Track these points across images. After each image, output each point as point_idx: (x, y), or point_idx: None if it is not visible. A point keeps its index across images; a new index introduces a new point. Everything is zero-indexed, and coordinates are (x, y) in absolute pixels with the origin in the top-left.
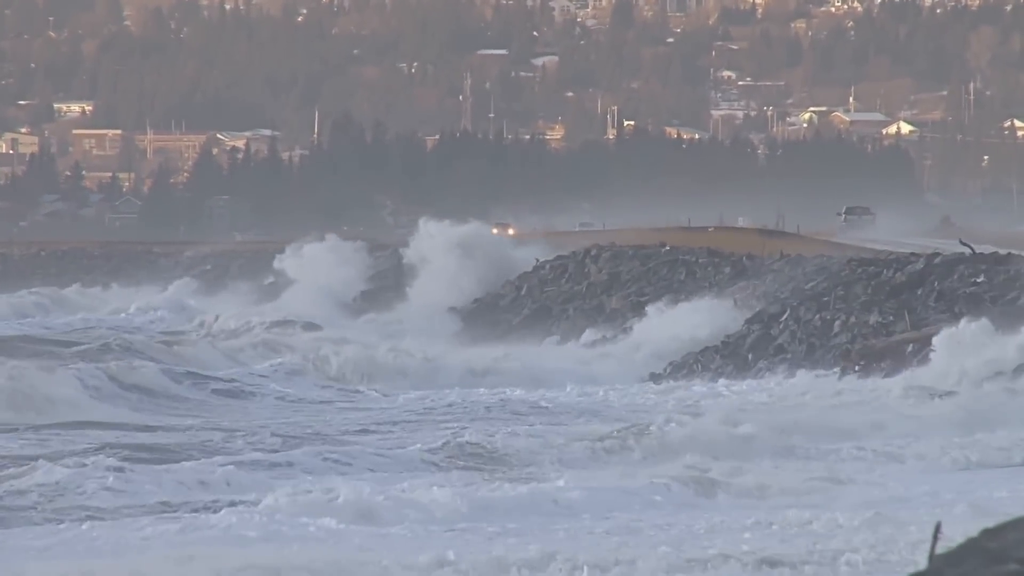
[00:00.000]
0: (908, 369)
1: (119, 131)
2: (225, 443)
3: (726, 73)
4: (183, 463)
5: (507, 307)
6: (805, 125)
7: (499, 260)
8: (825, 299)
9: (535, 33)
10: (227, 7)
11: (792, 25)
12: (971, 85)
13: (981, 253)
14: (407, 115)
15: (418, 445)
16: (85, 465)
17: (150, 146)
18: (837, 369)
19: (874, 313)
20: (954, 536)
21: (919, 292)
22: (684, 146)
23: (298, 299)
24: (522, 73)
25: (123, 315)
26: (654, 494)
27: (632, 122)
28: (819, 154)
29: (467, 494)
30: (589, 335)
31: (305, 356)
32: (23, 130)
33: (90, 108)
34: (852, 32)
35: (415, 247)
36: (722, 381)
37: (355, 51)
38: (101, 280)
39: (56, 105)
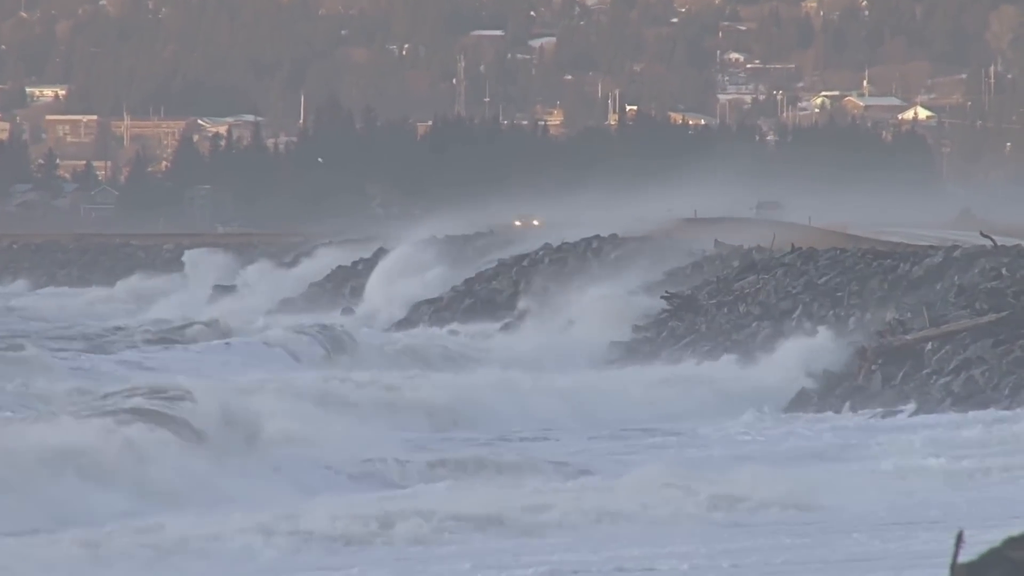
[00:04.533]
0: None
1: (95, 117)
2: None
3: (734, 55)
4: None
5: (504, 303)
6: (817, 110)
7: None
8: (839, 294)
9: (532, 13)
10: None
11: (803, 5)
12: (992, 68)
13: (1003, 246)
14: (398, 100)
15: None
16: None
17: (127, 133)
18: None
19: (891, 309)
20: (976, 545)
21: (938, 287)
22: (690, 132)
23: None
24: (519, 55)
25: None
26: None
27: (635, 107)
28: (832, 141)
29: None
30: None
31: None
32: None
33: (64, 92)
34: (866, 12)
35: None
36: None
37: (343, 32)
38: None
39: (28, 89)
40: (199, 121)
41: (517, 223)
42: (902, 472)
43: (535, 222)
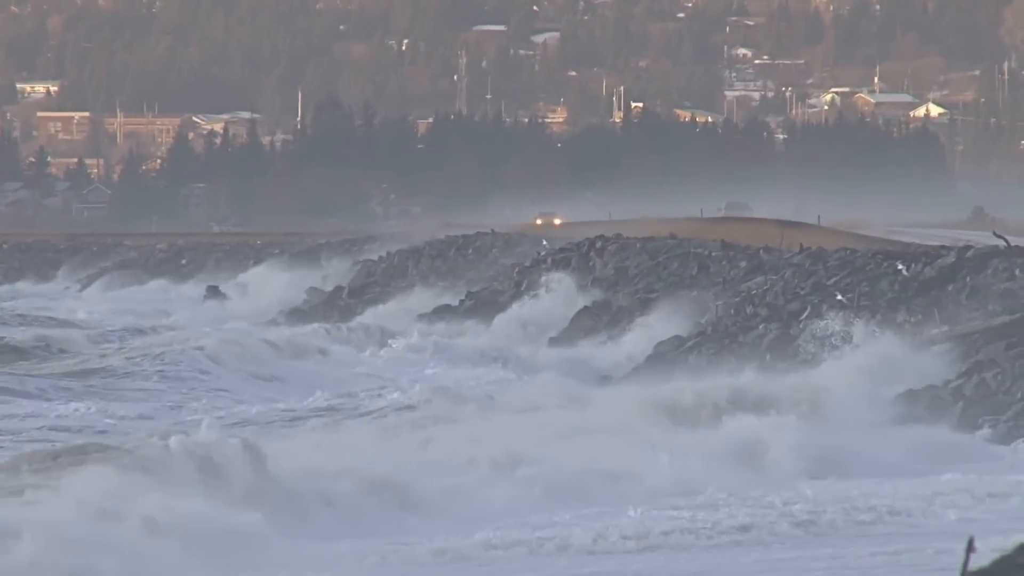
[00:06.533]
0: None
1: (87, 114)
2: None
3: (741, 51)
4: None
5: (506, 304)
6: (826, 107)
7: None
8: (849, 296)
9: (535, 8)
10: None
11: None
12: (1005, 64)
13: (1017, 246)
14: (397, 96)
15: None
16: None
17: (120, 130)
18: None
19: (901, 311)
20: (987, 551)
21: (950, 288)
22: (696, 130)
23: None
24: (521, 51)
25: None
26: None
27: (640, 104)
28: (841, 139)
29: None
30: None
31: None
32: None
33: (56, 89)
34: (877, 6)
35: None
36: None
37: (341, 27)
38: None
39: (19, 85)
40: (194, 118)
41: (538, 221)
42: None
43: (556, 221)
